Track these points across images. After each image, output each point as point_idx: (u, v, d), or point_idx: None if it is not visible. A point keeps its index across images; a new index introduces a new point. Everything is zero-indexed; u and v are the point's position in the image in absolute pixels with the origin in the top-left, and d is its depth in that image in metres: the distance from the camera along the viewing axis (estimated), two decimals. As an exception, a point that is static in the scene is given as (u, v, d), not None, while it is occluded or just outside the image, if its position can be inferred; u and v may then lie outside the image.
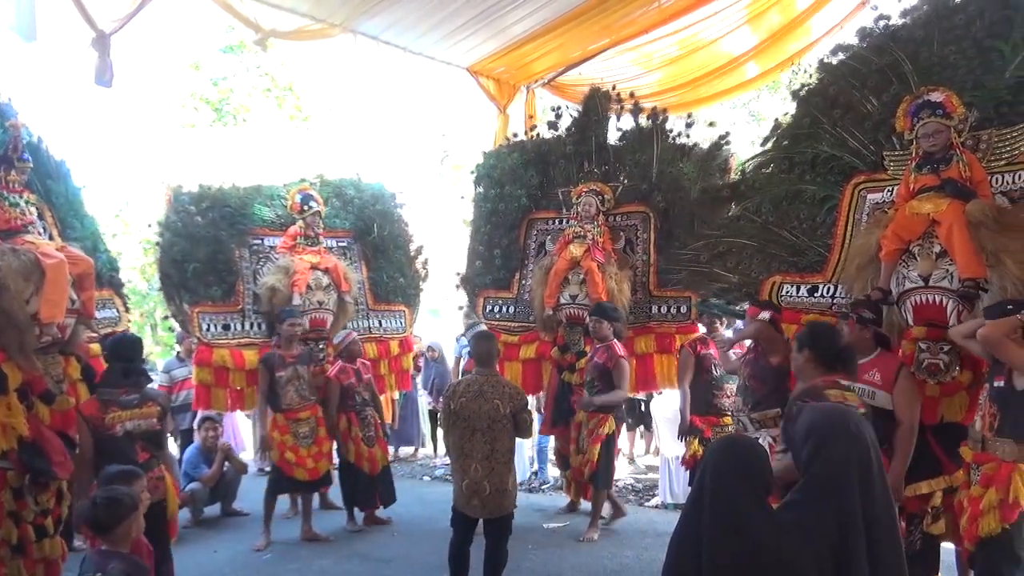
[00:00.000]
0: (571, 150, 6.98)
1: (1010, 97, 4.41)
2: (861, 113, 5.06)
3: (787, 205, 5.36)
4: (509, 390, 4.63)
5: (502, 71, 8.93)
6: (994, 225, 4.07)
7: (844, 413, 2.23)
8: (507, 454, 4.56)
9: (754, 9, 8.01)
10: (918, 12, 4.95)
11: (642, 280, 6.60)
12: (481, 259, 7.21)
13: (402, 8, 7.32)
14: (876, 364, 4.16)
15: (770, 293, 5.25)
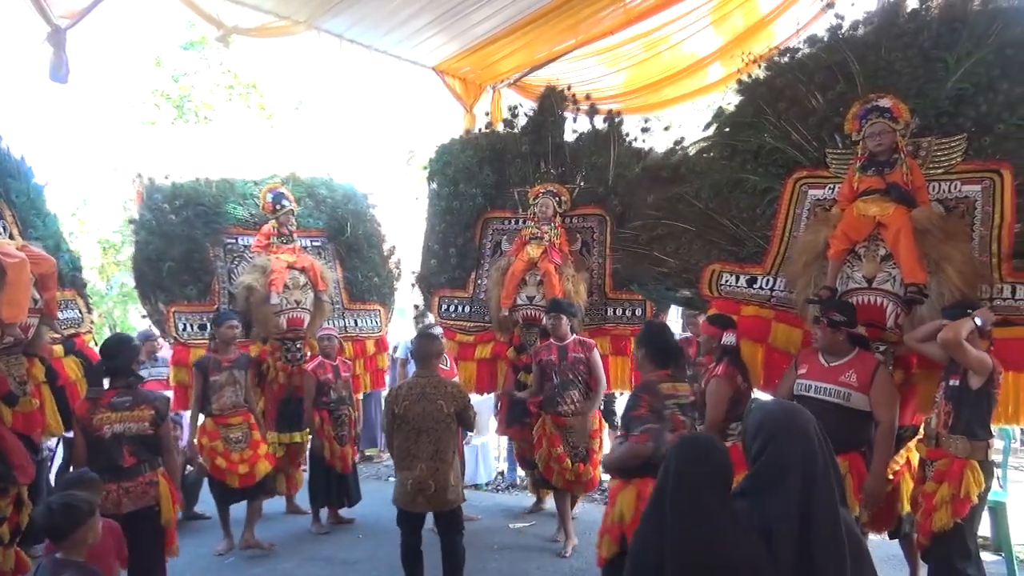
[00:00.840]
0: (527, 149, 6.99)
1: (950, 108, 4.59)
2: (806, 108, 5.17)
3: (728, 193, 5.43)
4: (451, 389, 4.68)
5: (468, 71, 8.95)
6: (939, 233, 4.23)
7: (793, 411, 2.24)
8: (451, 453, 4.64)
9: (718, 12, 8.12)
10: (871, 19, 5.09)
11: (598, 282, 6.66)
12: (436, 258, 7.20)
13: (367, 6, 7.30)
14: (853, 365, 4.21)
15: (710, 281, 5.32)
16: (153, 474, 4.21)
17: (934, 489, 3.88)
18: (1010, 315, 4.17)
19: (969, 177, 4.47)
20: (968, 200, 4.46)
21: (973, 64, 4.50)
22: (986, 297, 4.23)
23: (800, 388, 4.28)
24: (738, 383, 4.47)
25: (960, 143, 4.51)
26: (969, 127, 4.51)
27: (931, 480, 3.92)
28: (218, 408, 5.87)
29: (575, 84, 9.04)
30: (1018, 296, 4.17)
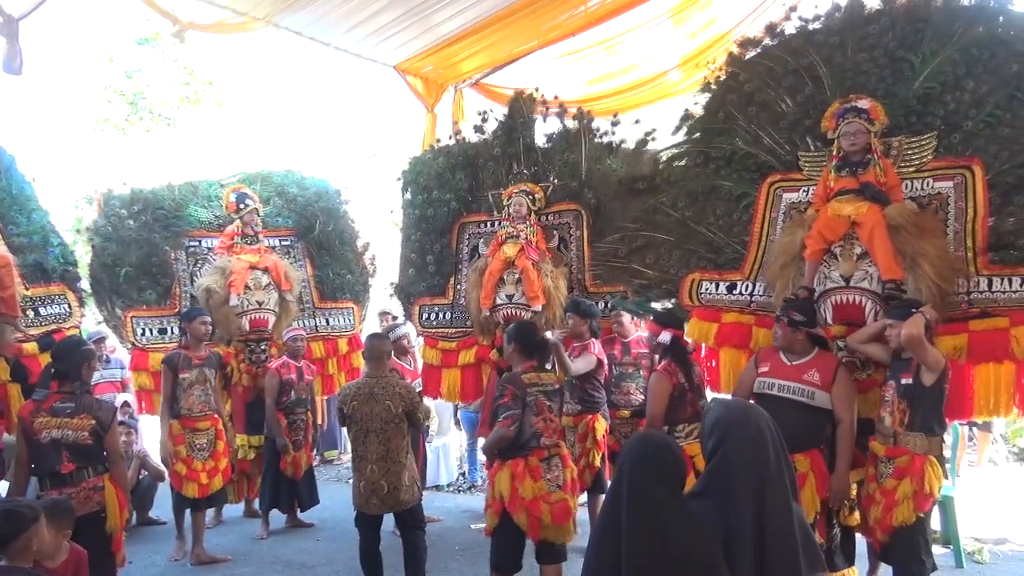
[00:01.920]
0: (499, 152, 6.97)
1: (919, 107, 4.64)
2: (776, 112, 5.19)
3: (703, 200, 5.43)
4: (400, 389, 4.64)
5: (430, 70, 8.87)
6: (912, 229, 4.28)
7: (746, 410, 2.27)
8: (402, 452, 4.59)
9: (679, 19, 8.21)
10: (834, 18, 5.12)
11: (578, 277, 6.62)
12: (414, 266, 7.09)
13: (326, 3, 7.19)
14: (814, 364, 4.22)
15: (690, 291, 5.31)
16: (98, 479, 4.06)
17: (894, 486, 3.91)
18: (987, 307, 4.24)
19: (941, 174, 4.52)
20: (941, 196, 4.52)
21: (939, 64, 4.55)
22: (963, 291, 4.29)
23: (762, 386, 4.29)
24: (678, 380, 4.51)
25: (930, 141, 4.57)
26: (939, 125, 4.56)
27: (890, 477, 3.95)
28: (187, 408, 5.68)
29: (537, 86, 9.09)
30: (995, 288, 4.24)
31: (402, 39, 8.17)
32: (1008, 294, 4.20)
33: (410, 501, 4.66)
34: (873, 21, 4.94)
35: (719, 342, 5.08)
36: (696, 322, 5.20)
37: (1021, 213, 4.27)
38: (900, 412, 3.96)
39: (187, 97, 14.05)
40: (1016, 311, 4.15)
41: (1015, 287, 4.18)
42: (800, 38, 5.24)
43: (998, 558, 5.59)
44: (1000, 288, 4.22)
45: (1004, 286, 4.21)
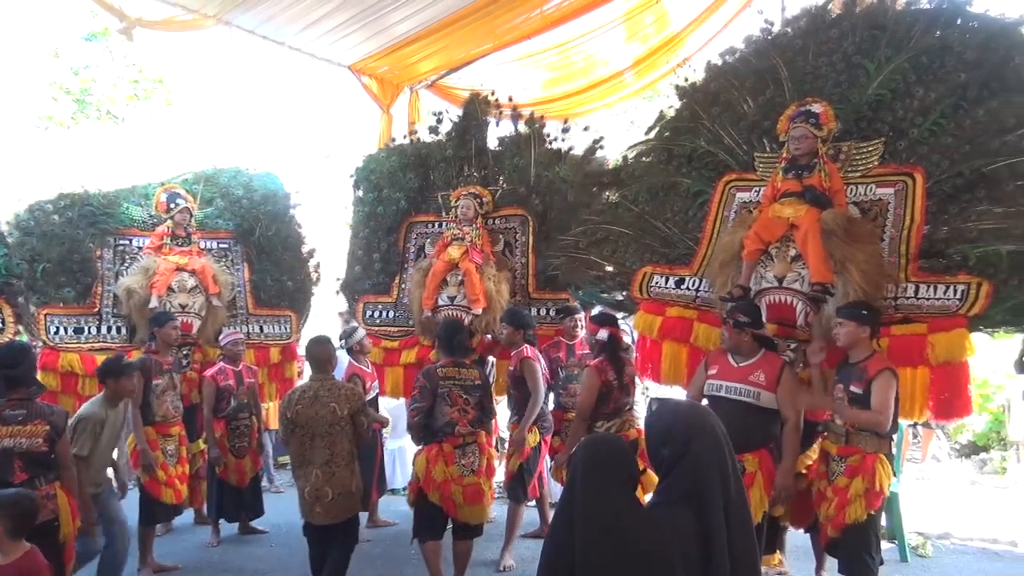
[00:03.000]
0: (451, 154, 6.97)
1: (870, 113, 4.71)
2: (738, 113, 5.26)
3: (663, 196, 5.49)
4: (345, 392, 4.56)
5: (385, 71, 8.82)
6: (843, 235, 4.33)
7: (705, 414, 2.26)
8: (348, 457, 4.49)
9: (632, 24, 8.31)
10: (798, 23, 5.22)
11: (521, 282, 6.65)
12: (360, 264, 7.03)
13: (279, 2, 7.10)
14: (760, 365, 4.28)
15: (641, 284, 5.35)
16: (50, 487, 3.91)
17: (846, 484, 3.97)
18: (911, 313, 4.30)
19: (884, 180, 4.59)
20: (882, 202, 4.59)
21: (892, 71, 4.63)
22: (891, 296, 4.35)
23: (711, 388, 4.34)
24: (607, 378, 4.80)
25: (877, 147, 4.64)
26: (886, 131, 4.63)
27: (842, 475, 4.01)
28: (162, 415, 5.51)
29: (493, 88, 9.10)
30: (920, 295, 4.30)
31: (357, 39, 8.11)
32: (931, 301, 4.26)
33: (354, 509, 4.53)
34: (834, 26, 5.02)
35: (662, 335, 5.13)
36: (642, 314, 5.27)
37: (954, 222, 4.34)
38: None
39: (136, 95, 13.73)
40: (936, 318, 4.21)
41: (938, 294, 4.25)
42: (764, 40, 5.33)
43: (941, 552, 5.74)
44: (925, 295, 4.29)
45: (929, 293, 4.28)
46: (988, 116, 4.32)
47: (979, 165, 4.26)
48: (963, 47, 4.50)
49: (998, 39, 4.45)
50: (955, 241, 4.28)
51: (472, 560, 5.02)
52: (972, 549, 5.80)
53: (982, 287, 4.10)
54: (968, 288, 4.14)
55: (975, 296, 4.10)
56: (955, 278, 4.21)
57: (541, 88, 9.16)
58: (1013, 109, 4.27)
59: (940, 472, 8.30)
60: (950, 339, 4.11)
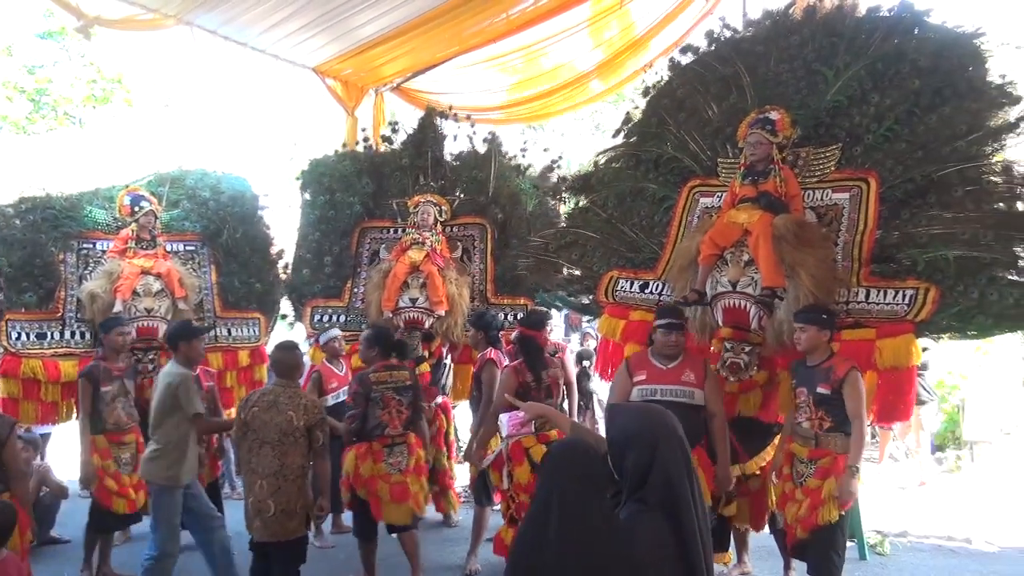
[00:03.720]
0: (407, 163, 7.00)
1: (828, 119, 4.79)
2: (703, 118, 5.32)
3: (631, 202, 5.56)
4: (306, 402, 4.31)
5: (350, 73, 8.74)
6: (794, 240, 4.39)
7: (664, 415, 2.24)
8: (298, 472, 4.23)
9: (597, 29, 8.36)
10: (761, 27, 5.30)
11: (480, 288, 6.69)
12: (309, 267, 6.96)
13: (241, 3, 7.00)
14: (687, 365, 4.38)
15: (606, 288, 5.40)
16: None
17: (818, 485, 4.02)
18: (862, 317, 4.36)
19: (839, 185, 4.66)
20: (837, 207, 4.65)
21: (849, 78, 4.70)
22: (843, 300, 4.41)
23: (645, 394, 4.33)
24: (524, 379, 4.88)
25: (834, 153, 4.72)
26: (843, 137, 4.71)
27: (812, 477, 4.06)
28: (113, 423, 5.36)
29: (459, 91, 9.11)
30: (871, 300, 4.37)
31: (321, 41, 8.02)
32: (881, 306, 4.32)
33: (298, 531, 4.26)
34: (795, 32, 5.10)
35: (624, 338, 5.21)
36: (606, 318, 5.35)
37: (906, 227, 4.41)
38: (818, 418, 4.08)
39: (94, 95, 13.45)
40: (884, 323, 4.28)
41: (888, 299, 4.31)
42: (728, 46, 5.40)
43: (898, 549, 5.85)
44: (875, 300, 4.36)
45: (879, 298, 4.35)
46: (940, 122, 4.41)
47: (930, 171, 4.34)
48: (918, 54, 4.59)
49: (951, 48, 4.54)
50: (906, 246, 4.36)
51: (438, 564, 5.02)
52: (928, 546, 5.93)
53: (930, 292, 4.16)
54: (916, 293, 4.21)
55: (923, 301, 4.17)
56: (904, 283, 4.28)
57: (507, 92, 9.17)
58: (964, 116, 4.36)
59: (897, 471, 8.47)
60: (897, 344, 4.18)
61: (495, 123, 7.98)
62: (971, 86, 4.46)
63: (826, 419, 4.06)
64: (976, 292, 4.06)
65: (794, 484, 4.18)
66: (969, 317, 4.11)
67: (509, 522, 4.91)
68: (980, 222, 4.16)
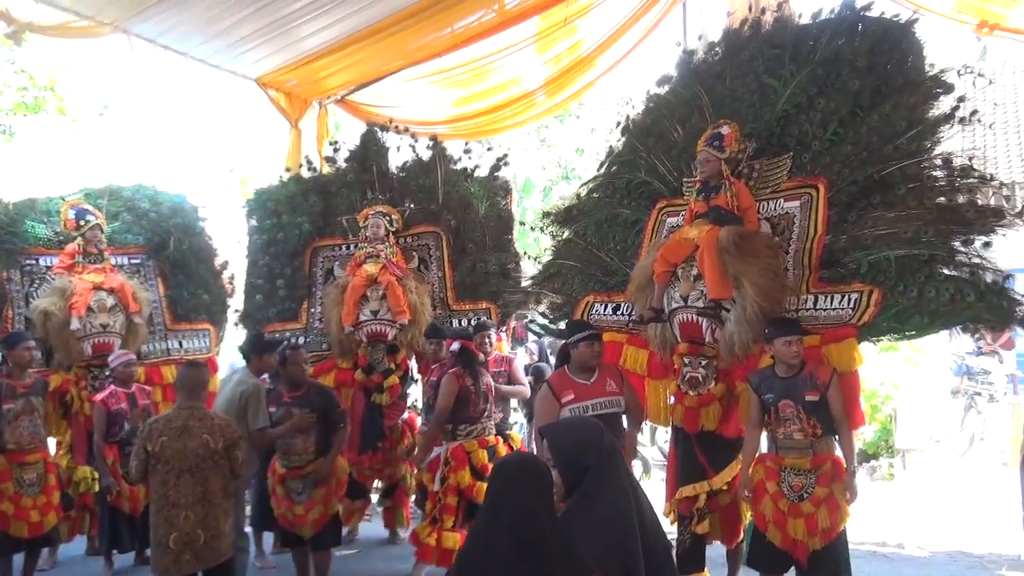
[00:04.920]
0: (353, 179, 6.91)
1: (779, 129, 4.81)
2: (670, 141, 5.35)
3: (607, 228, 5.58)
4: (220, 423, 4.10)
5: (294, 84, 8.63)
6: (735, 251, 4.38)
7: (599, 427, 2.32)
8: (221, 493, 4.03)
9: (544, 44, 8.46)
10: (718, 47, 5.38)
11: (440, 296, 6.64)
12: (262, 292, 6.81)
13: (181, 12, 6.84)
14: (606, 375, 4.41)
15: (583, 312, 5.41)
16: None
17: (827, 492, 3.98)
18: (810, 324, 4.32)
19: (791, 194, 4.66)
20: (789, 216, 4.65)
21: (795, 86, 4.73)
22: (792, 309, 4.40)
23: (577, 412, 4.25)
24: (465, 383, 5.11)
25: (786, 162, 4.72)
26: (793, 146, 4.71)
27: (818, 486, 4.00)
28: (14, 442, 5.10)
29: (404, 105, 9.10)
30: (819, 306, 4.35)
31: (264, 52, 7.92)
32: (828, 312, 4.31)
33: (227, 552, 4.06)
34: (745, 48, 5.17)
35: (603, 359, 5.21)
36: None
37: (853, 230, 4.40)
38: (811, 426, 4.04)
39: (25, 104, 13.00)
40: (830, 329, 4.26)
41: (834, 304, 4.30)
42: (686, 67, 5.50)
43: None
44: (823, 306, 4.34)
45: (826, 304, 4.34)
46: (881, 121, 4.42)
47: (873, 171, 4.35)
48: (854, 55, 4.61)
49: (884, 42, 4.60)
50: (852, 249, 4.34)
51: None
52: (863, 552, 6.04)
53: (872, 294, 4.16)
54: (860, 296, 4.21)
55: (866, 304, 4.16)
56: (849, 287, 4.28)
57: (452, 106, 9.18)
58: (902, 112, 4.38)
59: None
60: (840, 350, 4.17)
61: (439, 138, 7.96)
62: (907, 79, 4.50)
63: (818, 426, 4.03)
64: (915, 290, 4.06)
65: (790, 500, 4.07)
66: (907, 317, 4.11)
67: (431, 522, 5.12)
68: (921, 219, 4.16)
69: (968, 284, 3.99)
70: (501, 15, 7.82)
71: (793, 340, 4.05)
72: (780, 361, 4.11)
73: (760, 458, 4.27)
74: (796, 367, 4.07)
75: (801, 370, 4.08)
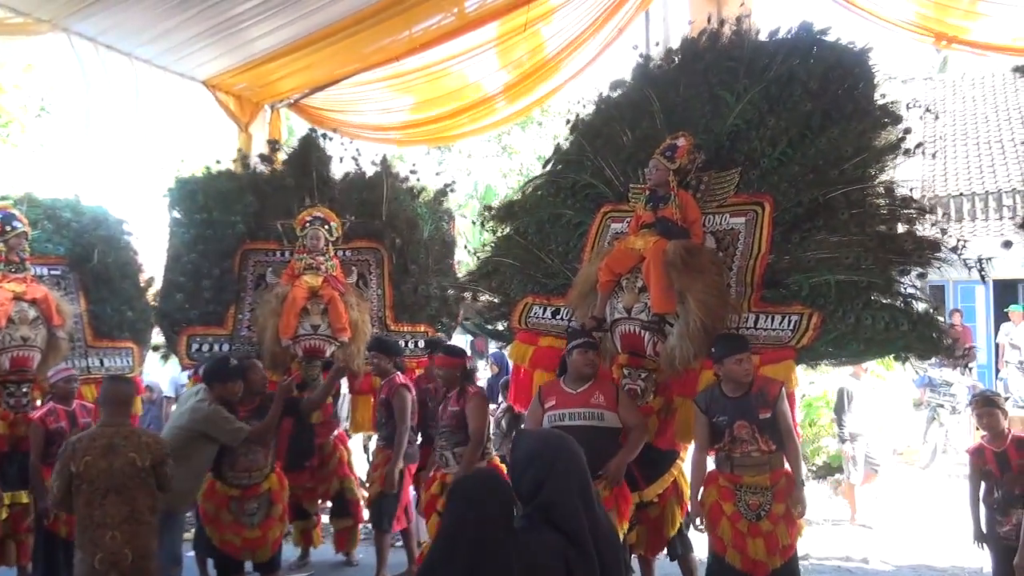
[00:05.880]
0: (291, 183, 6.88)
1: (728, 143, 4.96)
2: (618, 145, 5.46)
3: (549, 228, 5.64)
4: (147, 440, 4.07)
5: (244, 87, 8.56)
6: (682, 266, 4.48)
7: (563, 440, 2.37)
8: (149, 513, 3.99)
9: (505, 49, 8.48)
10: (677, 55, 5.51)
11: (379, 315, 6.65)
12: (184, 292, 6.67)
13: (124, 10, 6.73)
14: (597, 387, 4.44)
15: (520, 314, 5.45)
16: None
17: (783, 509, 4.09)
18: (751, 344, 4.37)
19: (737, 210, 4.80)
20: (734, 232, 4.78)
21: (748, 102, 4.87)
22: (734, 326, 4.50)
23: (554, 419, 4.37)
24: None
25: (733, 177, 4.86)
26: (742, 161, 4.85)
27: (775, 503, 4.10)
28: None
29: (359, 110, 9.06)
30: (759, 325, 4.46)
31: (211, 54, 7.82)
32: (768, 332, 4.43)
33: (155, 573, 4.05)
34: (700, 59, 5.30)
35: (533, 364, 5.24)
36: (517, 344, 5.38)
37: (796, 252, 4.54)
38: (765, 443, 4.14)
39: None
40: (769, 349, 4.38)
41: (774, 325, 4.42)
42: (640, 72, 5.60)
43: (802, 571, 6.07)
44: (763, 325, 4.47)
45: (766, 323, 4.46)
46: (829, 145, 4.59)
47: (818, 194, 4.51)
48: (808, 77, 4.78)
49: (838, 68, 4.78)
50: (794, 270, 4.48)
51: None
52: (828, 568, 6.17)
53: (812, 318, 4.28)
54: (800, 319, 4.32)
55: (805, 327, 4.29)
56: (789, 308, 4.40)
57: (409, 111, 9.19)
58: (850, 138, 4.56)
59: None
60: (777, 371, 4.29)
61: (396, 143, 7.94)
62: (857, 107, 4.68)
63: (771, 441, 4.14)
64: (853, 317, 4.19)
65: (748, 520, 4.12)
66: (844, 343, 4.26)
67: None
68: (862, 245, 4.31)
69: (902, 313, 4.16)
70: (461, 19, 7.87)
71: (744, 358, 4.13)
72: (730, 380, 4.19)
73: (711, 478, 4.32)
74: (745, 386, 4.14)
75: (750, 388, 4.15)
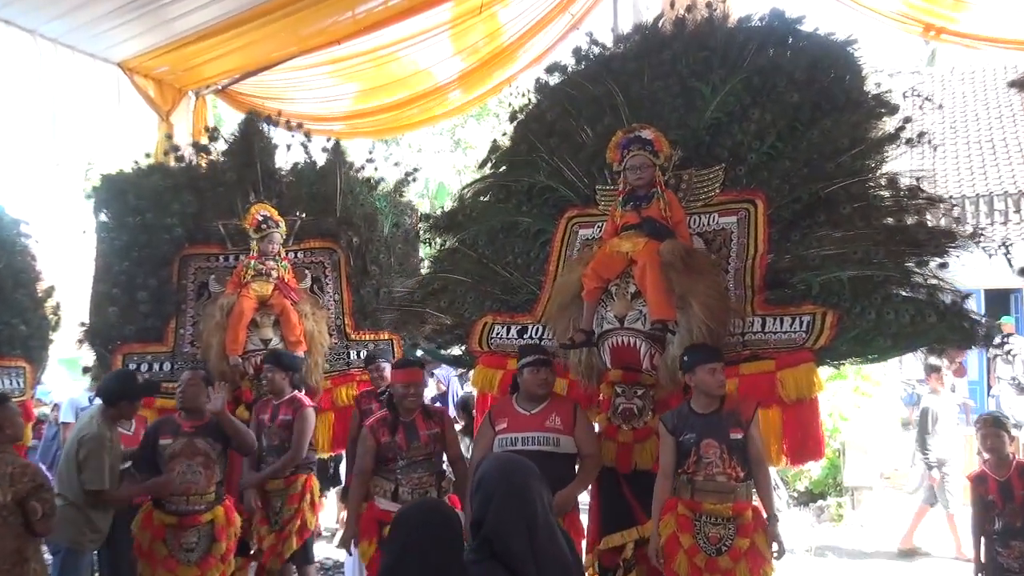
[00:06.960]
0: (233, 177, 6.64)
1: (708, 138, 4.88)
2: (576, 143, 5.33)
3: (503, 238, 5.50)
4: (12, 470, 3.83)
5: (165, 71, 8.33)
6: (682, 267, 4.38)
7: (510, 468, 2.38)
8: (15, 557, 3.76)
9: (459, 34, 8.44)
10: (631, 42, 5.39)
11: (337, 323, 6.47)
12: (117, 305, 6.41)
13: (26, -19, 6.56)
14: (553, 408, 4.35)
15: (480, 335, 5.29)
16: None
17: (747, 544, 3.96)
18: (759, 349, 4.38)
19: (726, 208, 4.73)
20: (725, 232, 4.71)
21: (726, 93, 4.81)
22: (738, 332, 4.43)
23: (504, 444, 4.28)
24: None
25: (718, 174, 4.79)
26: (726, 157, 4.77)
27: (738, 537, 3.98)
28: None
29: (297, 98, 8.93)
30: (767, 329, 4.40)
31: (128, 33, 7.59)
32: (779, 335, 4.38)
33: None
34: (667, 47, 5.20)
35: (502, 390, 5.02)
36: (481, 369, 5.19)
37: (797, 249, 4.50)
38: (731, 468, 4.02)
39: None
40: (783, 353, 4.31)
41: (785, 327, 4.37)
42: (598, 64, 5.48)
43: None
44: (772, 328, 4.41)
45: (775, 326, 4.40)
46: (822, 137, 4.58)
47: (816, 188, 4.49)
48: (793, 67, 4.76)
49: (825, 59, 4.78)
50: (799, 269, 4.44)
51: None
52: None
53: (827, 317, 4.24)
54: (813, 319, 4.28)
55: (821, 327, 4.24)
56: (800, 309, 4.35)
57: (353, 101, 9.08)
58: (844, 129, 4.55)
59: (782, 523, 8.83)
60: (797, 375, 4.21)
61: (338, 135, 7.80)
62: (849, 98, 4.67)
63: (739, 467, 4.02)
64: (873, 313, 4.17)
65: (707, 554, 4.02)
66: (868, 340, 4.21)
67: None
68: (870, 239, 4.30)
69: (927, 305, 4.14)
70: (411, -1, 7.77)
71: (717, 368, 4.06)
72: (701, 393, 4.11)
73: (669, 505, 4.15)
74: (717, 401, 4.09)
75: (722, 405, 4.09)
